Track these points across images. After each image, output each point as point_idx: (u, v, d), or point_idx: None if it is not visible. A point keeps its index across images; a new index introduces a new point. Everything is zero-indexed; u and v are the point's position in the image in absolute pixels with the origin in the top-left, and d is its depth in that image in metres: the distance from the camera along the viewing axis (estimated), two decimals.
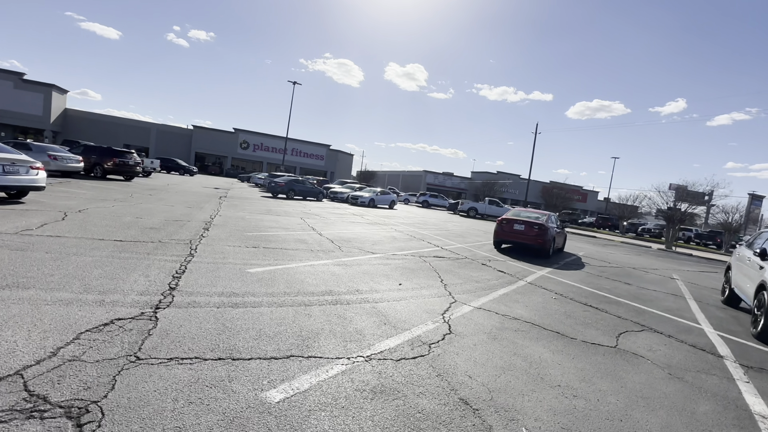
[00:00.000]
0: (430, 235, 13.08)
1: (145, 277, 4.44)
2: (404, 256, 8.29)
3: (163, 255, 5.57)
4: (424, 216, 24.47)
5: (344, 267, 6.46)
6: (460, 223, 21.81)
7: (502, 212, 31.92)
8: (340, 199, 27.82)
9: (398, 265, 7.30)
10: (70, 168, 16.87)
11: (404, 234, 12.50)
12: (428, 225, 17.57)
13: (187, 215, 10.06)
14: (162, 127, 58.80)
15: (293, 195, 23.74)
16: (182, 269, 4.99)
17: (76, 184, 14.55)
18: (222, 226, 9.08)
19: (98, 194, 12.13)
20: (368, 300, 4.80)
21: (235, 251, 6.54)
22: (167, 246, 6.20)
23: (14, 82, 46.20)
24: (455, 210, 34.02)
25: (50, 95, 47.83)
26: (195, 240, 6.98)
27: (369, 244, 9.26)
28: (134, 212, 9.31)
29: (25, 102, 46.55)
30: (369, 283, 5.66)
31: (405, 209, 30.48)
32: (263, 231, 9.17)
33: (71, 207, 8.84)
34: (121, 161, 19.45)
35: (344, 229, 11.81)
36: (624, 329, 5.13)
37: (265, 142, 62.45)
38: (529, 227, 10.98)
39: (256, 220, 11.06)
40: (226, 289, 4.42)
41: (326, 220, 13.50)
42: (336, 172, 68.21)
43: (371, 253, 8.18)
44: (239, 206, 14.44)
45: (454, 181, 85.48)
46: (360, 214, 18.35)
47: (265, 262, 6.08)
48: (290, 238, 8.61)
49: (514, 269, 8.59)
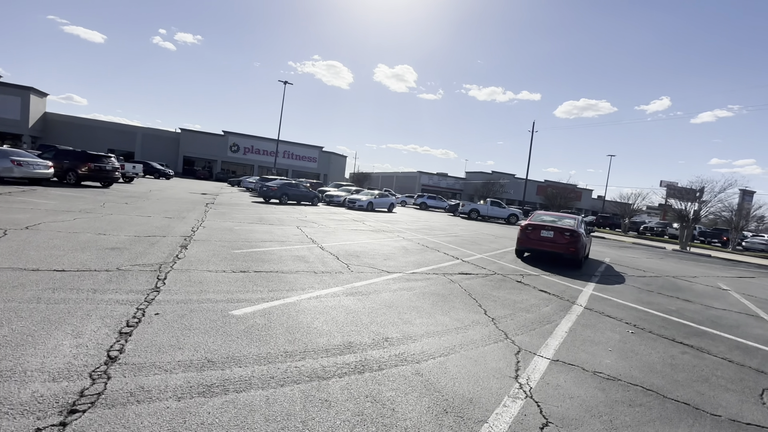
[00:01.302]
0: (442, 244, 11.67)
1: (73, 338, 2.95)
2: (426, 275, 6.87)
3: (115, 292, 4.06)
4: (427, 220, 23.10)
5: (359, 298, 5.00)
6: (466, 227, 20.47)
7: (504, 213, 30.73)
8: (337, 203, 26.34)
9: (424, 289, 5.87)
10: (37, 174, 15.14)
11: (415, 243, 11.08)
12: (435, 230, 16.18)
13: (165, 228, 8.51)
14: (148, 130, 56.65)
15: (287, 200, 22.19)
16: (137, 317, 3.49)
17: (41, 192, 12.86)
18: (205, 241, 7.56)
19: (62, 204, 10.50)
20: (406, 358, 3.36)
21: (218, 279, 5.05)
22: (126, 276, 4.68)
23: None
24: (455, 212, 32.73)
25: (28, 98, 45.51)
26: (167, 264, 5.46)
27: (381, 260, 7.82)
28: (98, 227, 7.74)
29: (1, 106, 44.19)
30: (398, 323, 4.22)
31: (404, 212, 29.09)
32: (254, 246, 7.67)
33: (19, 222, 7.24)
34: (97, 166, 17.72)
35: (348, 239, 10.35)
36: (753, 383, 3.76)
37: (255, 145, 60.61)
38: (559, 234, 9.64)
39: (245, 231, 9.54)
40: (198, 355, 2.94)
41: (326, 229, 12.02)
42: (329, 174, 66.61)
43: (386, 272, 6.74)
44: (227, 214, 12.89)
45: (449, 182, 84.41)
46: (360, 220, 16.89)
47: (257, 295, 4.60)
48: (287, 256, 7.13)
49: (555, 287, 7.22)
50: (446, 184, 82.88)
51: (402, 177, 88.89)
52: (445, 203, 39.72)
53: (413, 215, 26.29)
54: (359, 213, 21.55)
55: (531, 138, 47.00)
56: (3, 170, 14.19)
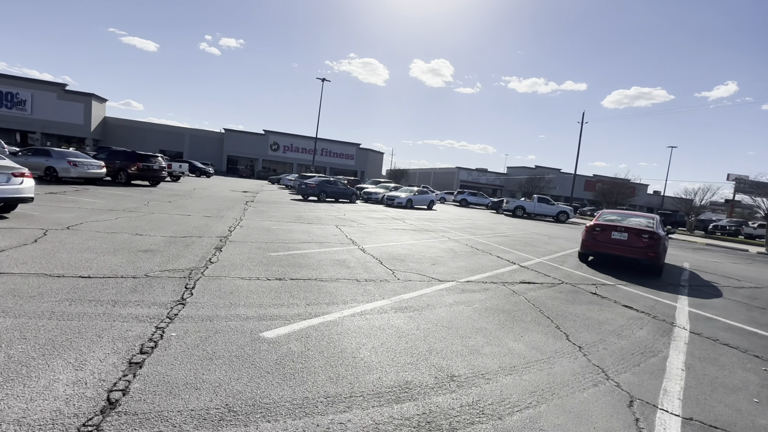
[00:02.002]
0: (492, 245, 10.61)
1: (74, 371, 2.41)
2: (483, 285, 5.95)
3: (137, 305, 3.58)
4: (470, 217, 21.86)
5: (411, 315, 4.22)
6: (513, 226, 19.04)
7: (553, 211, 28.62)
8: (375, 200, 25.75)
9: (484, 303, 4.98)
10: (91, 174, 15.80)
11: (462, 245, 10.12)
12: (481, 229, 15.04)
13: (202, 228, 8.22)
14: (195, 131, 59.44)
15: (325, 197, 21.90)
16: (155, 340, 2.94)
17: (92, 191, 13.30)
18: (241, 242, 7.13)
19: (109, 203, 10.64)
20: (483, 409, 2.53)
21: (251, 288, 4.47)
22: (153, 284, 4.22)
23: (57, 93, 47.83)
24: (499, 209, 31.01)
25: (90, 104, 49.16)
26: (198, 270, 5.00)
27: (428, 265, 6.98)
28: (137, 226, 7.56)
29: (67, 112, 48.11)
30: (462, 352, 3.38)
31: (444, 209, 27.94)
32: (292, 248, 7.12)
33: (62, 222, 7.20)
34: (146, 165, 18.32)
35: (389, 240, 9.60)
36: None
37: (294, 143, 61.73)
38: (635, 236, 8.28)
39: (283, 231, 9.08)
40: (217, 400, 2.30)
41: (365, 228, 11.36)
42: (366, 171, 66.45)
43: (437, 280, 5.90)
44: (266, 213, 12.62)
45: (489, 178, 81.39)
46: (400, 218, 16.12)
47: (293, 310, 3.95)
48: (326, 259, 6.50)
49: (641, 301, 6.01)
50: (486, 180, 79.97)
51: (440, 173, 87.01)
52: (486, 200, 37.96)
53: (454, 213, 25.11)
54: (398, 211, 20.79)
55: (580, 130, 43.87)
56: (61, 170, 14.92)
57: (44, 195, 10.97)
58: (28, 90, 46.50)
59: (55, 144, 45.86)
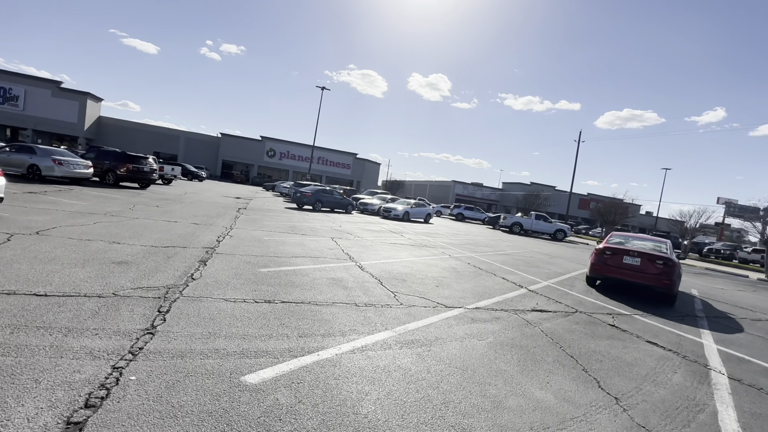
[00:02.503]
0: (495, 265, 10.10)
1: None
2: (494, 312, 5.41)
3: (94, 335, 2.98)
4: (467, 232, 21.40)
5: (419, 352, 3.66)
6: (512, 243, 18.60)
7: (551, 229, 28.32)
8: (371, 212, 25.23)
9: (498, 335, 4.43)
10: (77, 174, 15.11)
11: (464, 263, 9.60)
12: (481, 246, 14.55)
13: (188, 237, 7.61)
14: (190, 134, 58.76)
15: (320, 207, 21.33)
16: (107, 387, 2.35)
17: (76, 192, 12.60)
18: (229, 255, 6.54)
19: (91, 206, 9.98)
20: None
21: (234, 314, 3.89)
22: (121, 306, 3.62)
23: (52, 91, 47.03)
24: (495, 225, 30.68)
25: (85, 103, 48.38)
26: (177, 287, 4.40)
27: (432, 286, 6.44)
28: (116, 233, 6.93)
29: (61, 110, 47.25)
30: (484, 406, 2.83)
31: (440, 223, 27.49)
32: (284, 263, 6.54)
33: (32, 226, 6.55)
34: (135, 167, 17.63)
35: (389, 256, 9.05)
36: None
37: (291, 150, 61.28)
38: (648, 262, 7.83)
39: (276, 243, 8.49)
40: None
41: (363, 242, 10.80)
42: (362, 181, 66.10)
43: (443, 306, 5.36)
44: (258, 221, 12.02)
45: (485, 192, 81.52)
46: (398, 231, 15.59)
47: (282, 343, 3.37)
48: (321, 278, 5.92)
49: (663, 336, 5.51)
50: (481, 194, 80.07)
51: (435, 186, 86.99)
52: (483, 215, 37.66)
53: (452, 227, 24.67)
54: (395, 223, 20.28)
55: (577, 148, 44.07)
56: (45, 169, 14.22)
57: (22, 194, 10.30)
58: (22, 86, 45.65)
59: (46, 142, 44.91)
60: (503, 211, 66.76)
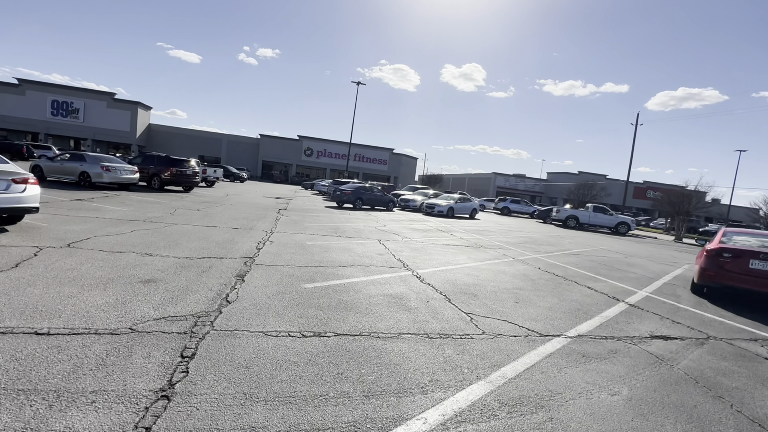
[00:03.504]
0: (569, 268, 8.63)
1: None
2: (604, 343, 4.12)
3: (90, 403, 2.14)
4: (520, 228, 19.65)
5: (535, 420, 2.51)
6: (573, 239, 16.69)
7: (611, 222, 25.67)
8: (412, 208, 24.10)
9: (631, 386, 3.17)
10: (124, 180, 15.29)
11: (533, 267, 8.23)
12: (541, 244, 12.96)
13: (227, 244, 6.93)
14: (231, 137, 60.59)
15: (361, 204, 20.51)
16: None
17: (122, 198, 12.59)
18: (269, 266, 5.72)
19: (132, 212, 9.71)
20: None
21: (278, 356, 2.96)
22: (136, 348, 2.81)
23: (107, 102, 50.18)
24: (546, 219, 28.39)
25: (136, 112, 51.19)
26: (208, 315, 3.57)
27: (510, 303, 5.23)
28: (152, 242, 6.36)
29: (115, 119, 50.33)
30: None
31: (487, 218, 25.77)
32: (332, 275, 5.62)
33: (66, 237, 6.11)
34: (178, 171, 17.74)
35: (445, 261, 7.90)
36: None
37: (328, 148, 61.44)
38: None
39: (320, 249, 7.63)
40: None
41: (413, 244, 9.72)
42: (399, 176, 64.98)
43: (536, 333, 4.15)
44: (299, 223, 11.31)
45: (528, 184, 77.38)
46: (446, 230, 14.35)
47: (344, 411, 2.37)
48: (377, 295, 4.92)
49: None
50: (524, 186, 76.05)
51: (474, 179, 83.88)
52: (531, 208, 35.24)
53: (500, 222, 22.94)
54: (441, 220, 19.01)
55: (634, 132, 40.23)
56: (95, 175, 14.46)
57: (69, 202, 10.25)
58: (81, 99, 49.08)
59: (104, 150, 48.00)
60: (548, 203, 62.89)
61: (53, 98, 48.17)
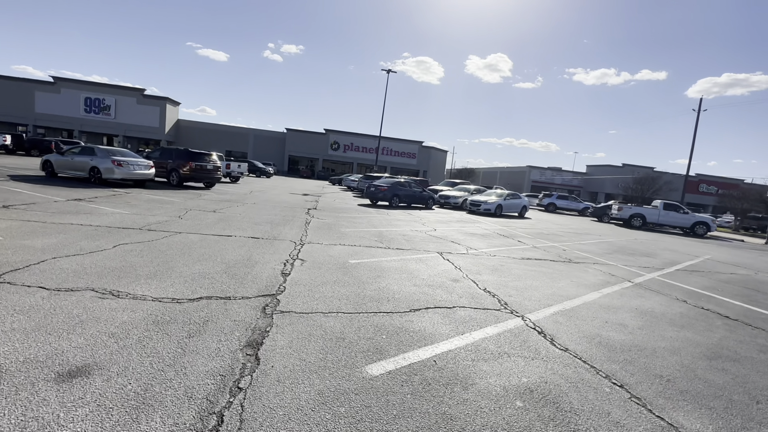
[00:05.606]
0: (712, 296, 5.97)
1: None
2: None
3: None
4: (586, 230, 16.73)
5: None
6: (657, 243, 13.68)
7: (687, 221, 22.07)
8: (452, 205, 21.59)
9: None
10: (137, 176, 13.67)
11: (679, 301, 5.65)
12: (632, 254, 10.19)
13: (240, 267, 4.81)
14: (258, 132, 59.71)
15: (397, 202, 18.20)
16: None
17: (131, 196, 10.86)
18: (301, 315, 3.51)
19: (130, 217, 7.83)
20: None
21: None
22: None
23: (137, 98, 50.19)
24: (602, 217, 25.06)
25: (165, 107, 50.97)
26: None
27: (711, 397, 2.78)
28: (132, 265, 4.31)
29: (145, 115, 50.31)
30: None
31: (537, 217, 22.82)
32: (404, 339, 3.34)
33: (9, 260, 4.16)
34: (198, 165, 16.05)
35: (553, 292, 5.46)
36: None
37: (355, 142, 59.39)
38: None
39: (369, 272, 5.38)
40: None
41: (485, 260, 7.32)
42: (428, 170, 62.10)
43: None
44: (334, 228, 9.13)
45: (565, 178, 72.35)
46: (508, 234, 11.80)
47: None
48: (501, 392, 2.59)
49: None
50: (561, 180, 71.13)
51: (507, 172, 79.52)
52: (580, 204, 31.78)
53: (556, 222, 20.01)
54: (491, 220, 16.42)
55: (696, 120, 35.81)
56: (105, 171, 12.89)
57: (64, 203, 8.54)
58: (112, 96, 49.30)
59: (134, 146, 48.05)
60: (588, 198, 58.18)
61: (86, 95, 48.62)
